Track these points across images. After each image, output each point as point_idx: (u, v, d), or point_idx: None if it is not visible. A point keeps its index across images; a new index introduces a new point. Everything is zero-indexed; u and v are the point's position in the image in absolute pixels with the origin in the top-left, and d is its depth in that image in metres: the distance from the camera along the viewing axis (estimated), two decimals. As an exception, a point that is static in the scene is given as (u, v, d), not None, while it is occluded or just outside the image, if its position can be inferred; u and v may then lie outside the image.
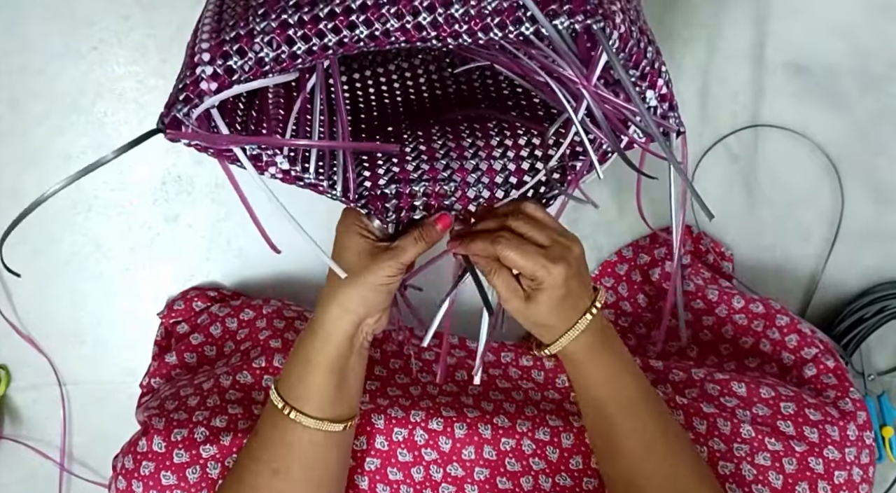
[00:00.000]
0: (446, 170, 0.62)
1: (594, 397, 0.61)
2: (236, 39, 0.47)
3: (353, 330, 0.59)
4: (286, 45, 0.48)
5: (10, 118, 0.83)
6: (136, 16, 0.83)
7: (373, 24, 0.48)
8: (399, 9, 0.47)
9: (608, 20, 0.47)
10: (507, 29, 0.48)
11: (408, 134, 0.66)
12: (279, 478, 0.59)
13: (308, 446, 0.59)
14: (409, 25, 0.48)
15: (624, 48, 0.50)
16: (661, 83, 0.55)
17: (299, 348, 0.60)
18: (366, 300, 0.58)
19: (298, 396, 0.59)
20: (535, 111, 0.67)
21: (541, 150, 0.63)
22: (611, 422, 0.60)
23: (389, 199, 0.62)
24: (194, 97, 0.48)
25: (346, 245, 0.60)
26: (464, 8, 0.47)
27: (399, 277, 0.59)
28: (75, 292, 0.86)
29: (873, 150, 0.87)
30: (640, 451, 0.59)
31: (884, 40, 0.85)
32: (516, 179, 0.62)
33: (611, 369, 0.60)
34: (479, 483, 0.67)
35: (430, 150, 0.64)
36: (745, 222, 0.88)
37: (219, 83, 0.48)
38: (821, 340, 0.75)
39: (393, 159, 0.63)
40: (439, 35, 0.48)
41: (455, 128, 0.66)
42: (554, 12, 0.47)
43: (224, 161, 0.52)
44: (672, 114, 0.57)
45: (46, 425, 0.88)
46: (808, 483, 0.64)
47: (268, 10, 0.48)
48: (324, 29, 0.47)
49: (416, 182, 0.62)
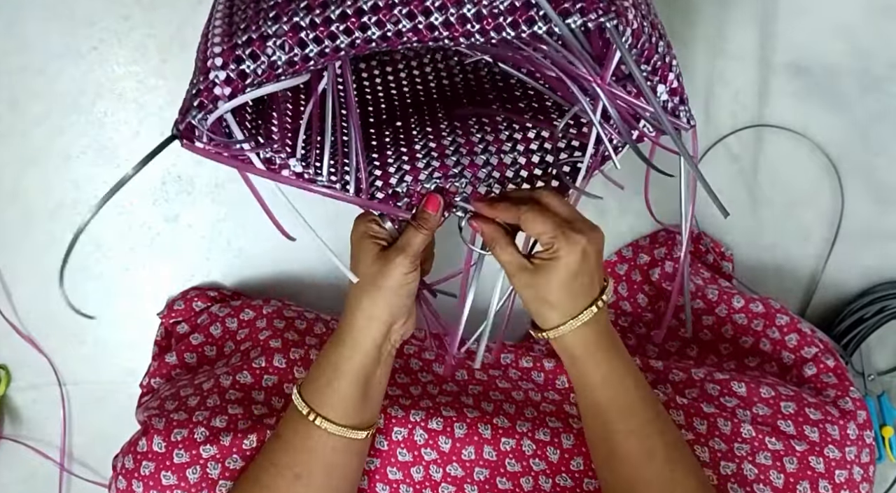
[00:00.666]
0: (457, 166, 0.62)
1: (594, 399, 0.60)
2: (248, 43, 0.47)
3: (381, 338, 0.59)
4: (298, 47, 0.48)
5: (10, 118, 0.83)
6: (136, 16, 0.83)
7: (385, 25, 0.48)
8: (411, 9, 0.47)
9: (621, 17, 0.47)
10: (519, 28, 0.48)
11: (417, 130, 0.66)
12: (301, 483, 0.59)
13: (330, 452, 0.60)
14: (422, 26, 0.48)
15: (636, 44, 0.50)
16: (672, 77, 0.55)
17: (326, 356, 0.61)
18: (389, 304, 0.59)
19: (324, 402, 0.60)
20: (543, 101, 0.67)
21: (550, 142, 0.63)
22: (610, 428, 0.59)
23: (401, 198, 0.62)
24: (208, 103, 0.48)
25: (360, 253, 0.60)
26: (476, 7, 0.47)
27: (415, 274, 0.59)
28: (75, 292, 0.86)
29: (873, 150, 0.87)
30: (640, 456, 0.58)
31: (884, 40, 0.85)
32: (527, 172, 0.62)
33: (610, 371, 0.59)
34: (478, 484, 0.67)
35: (439, 146, 0.64)
36: (745, 222, 0.88)
37: (232, 88, 0.48)
38: (821, 339, 0.75)
39: (404, 158, 0.63)
40: (451, 35, 0.48)
41: (464, 123, 0.66)
42: (566, 11, 0.47)
43: (238, 164, 0.53)
44: (683, 108, 0.56)
45: (46, 425, 0.88)
46: (810, 482, 0.64)
47: (279, 13, 0.48)
48: (336, 31, 0.47)
49: (428, 180, 0.62)
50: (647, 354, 0.80)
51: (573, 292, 0.57)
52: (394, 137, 0.66)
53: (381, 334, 0.59)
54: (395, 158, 0.63)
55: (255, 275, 0.88)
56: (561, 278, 0.56)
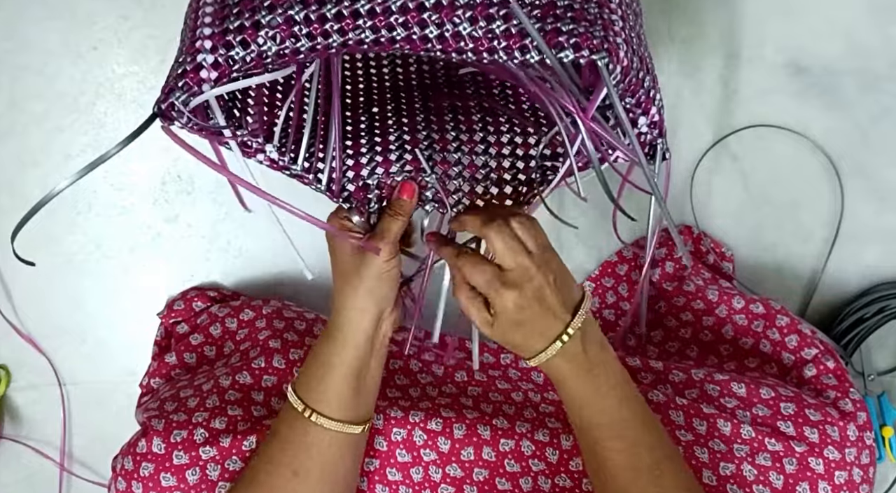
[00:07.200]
0: (429, 161, 0.63)
1: (580, 417, 0.59)
2: (240, 30, 0.47)
3: (371, 330, 0.60)
4: (290, 40, 0.47)
5: (10, 118, 0.83)
6: (136, 16, 0.83)
7: (379, 30, 0.48)
8: (407, 19, 0.47)
9: (612, 56, 0.48)
10: (512, 54, 0.48)
11: (393, 120, 0.66)
12: (298, 480, 0.60)
13: (327, 447, 0.60)
14: (416, 37, 0.48)
15: (624, 80, 0.51)
16: (654, 111, 0.56)
17: (318, 352, 0.62)
18: (374, 293, 0.60)
19: (319, 398, 0.60)
20: (520, 103, 0.67)
21: (522, 149, 0.64)
22: (598, 445, 0.58)
23: (371, 190, 0.62)
24: (193, 85, 0.47)
25: (338, 249, 0.61)
26: (472, 27, 0.47)
27: (396, 261, 0.60)
28: (75, 291, 0.86)
29: (873, 150, 0.86)
30: (627, 472, 0.57)
31: (884, 40, 0.85)
32: (496, 175, 0.63)
33: (594, 393, 0.58)
34: (478, 484, 0.67)
35: (414, 139, 0.64)
36: (745, 222, 0.88)
37: (219, 72, 0.47)
38: (821, 340, 0.75)
39: (377, 149, 0.63)
40: (444, 49, 0.48)
41: (440, 117, 0.66)
42: (560, 45, 0.47)
43: (214, 143, 0.53)
44: (661, 140, 0.59)
45: (46, 425, 0.88)
46: (809, 484, 0.64)
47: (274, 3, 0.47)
48: (329, 30, 0.47)
49: (399, 173, 0.62)
50: (647, 354, 0.80)
51: (526, 336, 0.57)
52: (369, 124, 0.66)
53: (371, 325, 0.60)
54: (368, 148, 0.63)
55: (255, 275, 0.88)
56: (507, 328, 0.57)
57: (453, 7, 0.47)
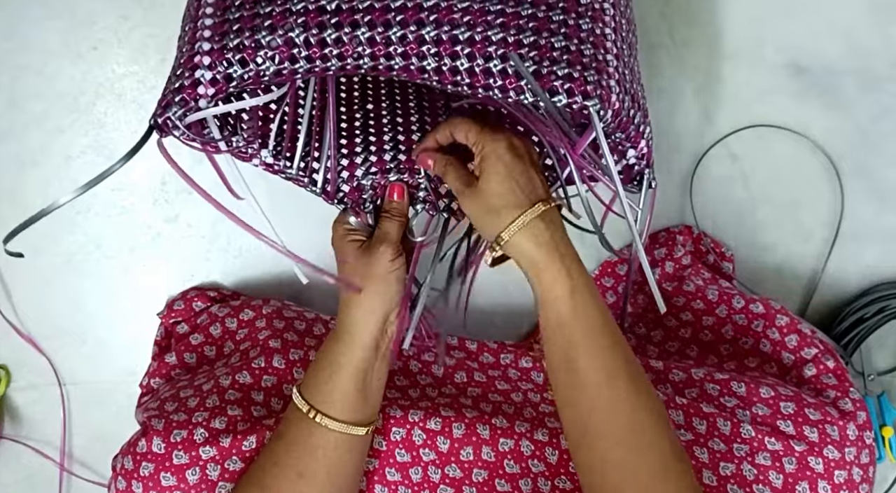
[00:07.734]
0: None
1: (557, 312, 0.57)
2: (240, 49, 0.47)
3: (377, 331, 0.61)
4: (289, 62, 0.48)
5: (10, 118, 0.83)
6: (136, 16, 0.83)
7: (378, 58, 0.48)
8: (406, 51, 0.48)
9: (604, 102, 0.50)
10: (507, 94, 0.49)
11: (387, 119, 0.66)
12: (304, 481, 0.60)
13: (332, 449, 0.61)
14: (413, 67, 0.48)
15: (614, 120, 0.52)
16: (643, 144, 0.58)
17: (325, 353, 0.63)
18: (380, 294, 0.61)
19: (324, 400, 0.61)
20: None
21: None
22: (573, 345, 0.56)
23: (366, 190, 0.63)
24: (190, 100, 0.47)
25: (342, 254, 0.63)
26: (470, 64, 0.48)
27: (401, 260, 0.62)
28: (75, 292, 0.86)
29: (873, 150, 0.86)
30: (600, 378, 0.55)
31: (884, 40, 0.85)
32: None
33: (574, 282, 0.56)
34: (477, 485, 0.67)
35: (408, 140, 0.65)
36: (745, 222, 0.88)
37: (216, 89, 0.48)
38: (821, 340, 0.75)
39: (371, 148, 0.64)
40: (440, 81, 0.49)
41: (434, 118, 0.67)
42: (554, 89, 0.49)
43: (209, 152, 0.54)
44: (648, 171, 0.61)
45: (46, 425, 0.88)
46: (809, 483, 0.65)
47: (274, 24, 0.47)
48: (328, 54, 0.47)
49: (393, 173, 0.63)
50: (647, 354, 0.80)
51: (512, 188, 0.57)
52: (363, 123, 0.66)
53: (378, 326, 0.62)
54: (362, 147, 0.64)
55: (255, 275, 0.88)
56: (497, 172, 0.57)
57: (453, 43, 0.48)
